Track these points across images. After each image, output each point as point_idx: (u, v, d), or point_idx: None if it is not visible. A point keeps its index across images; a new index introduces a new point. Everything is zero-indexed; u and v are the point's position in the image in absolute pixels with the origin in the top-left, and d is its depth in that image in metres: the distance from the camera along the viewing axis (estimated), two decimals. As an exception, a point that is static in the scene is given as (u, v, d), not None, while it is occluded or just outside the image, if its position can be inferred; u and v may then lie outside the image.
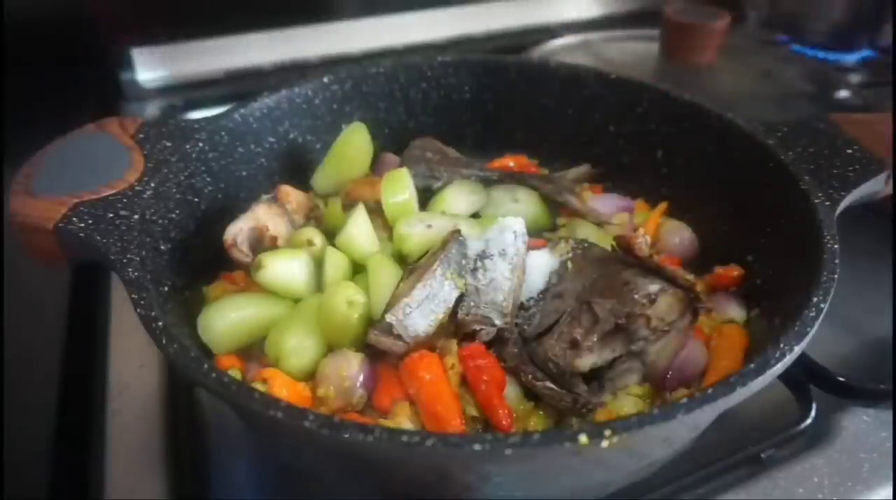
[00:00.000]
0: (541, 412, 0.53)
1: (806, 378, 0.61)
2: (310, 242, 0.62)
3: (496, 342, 0.54)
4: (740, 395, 0.42)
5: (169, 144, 0.61)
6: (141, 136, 0.61)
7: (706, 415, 0.43)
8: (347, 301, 0.55)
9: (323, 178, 0.72)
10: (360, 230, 0.62)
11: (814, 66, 1.21)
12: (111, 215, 0.54)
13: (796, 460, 0.56)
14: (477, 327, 0.54)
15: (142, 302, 0.47)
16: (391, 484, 0.49)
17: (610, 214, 0.71)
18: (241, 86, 1.07)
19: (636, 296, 0.52)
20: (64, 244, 0.54)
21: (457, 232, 0.59)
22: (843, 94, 1.12)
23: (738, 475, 0.56)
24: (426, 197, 0.69)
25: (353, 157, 0.72)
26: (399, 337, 0.53)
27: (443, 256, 0.56)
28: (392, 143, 0.76)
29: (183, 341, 0.46)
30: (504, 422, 0.50)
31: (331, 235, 0.63)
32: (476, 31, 1.24)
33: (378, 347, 0.54)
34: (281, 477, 0.58)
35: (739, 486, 0.55)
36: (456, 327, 0.55)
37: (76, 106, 0.96)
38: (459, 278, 0.56)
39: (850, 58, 1.22)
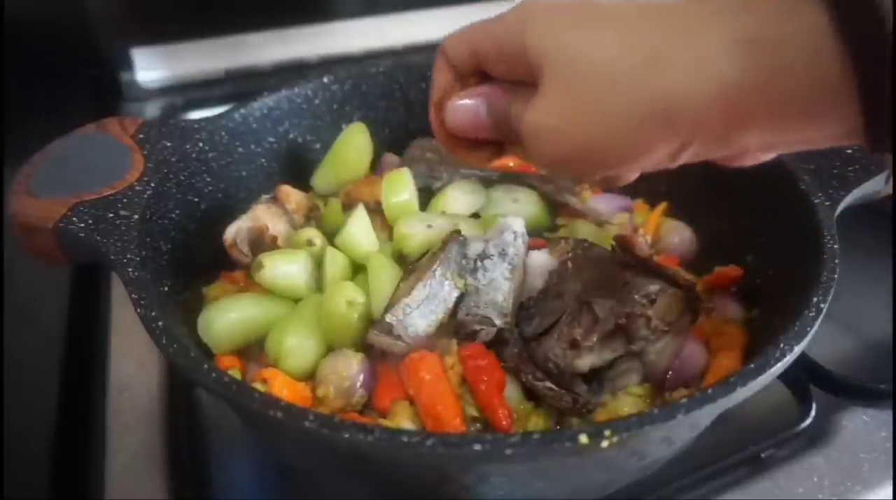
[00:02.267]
0: (541, 412, 0.52)
1: (806, 378, 0.61)
2: (310, 243, 0.62)
3: (496, 342, 0.54)
4: (740, 395, 0.42)
5: (169, 144, 0.61)
6: (141, 136, 0.61)
7: (706, 415, 0.43)
8: (347, 301, 0.55)
9: (323, 178, 0.72)
10: (359, 230, 0.62)
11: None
12: (111, 215, 0.54)
13: (796, 460, 0.56)
14: (477, 327, 0.54)
15: (142, 302, 0.47)
16: (391, 484, 0.49)
17: (610, 214, 0.71)
18: (241, 86, 1.07)
19: (636, 296, 0.52)
20: (64, 244, 0.54)
21: (457, 232, 0.59)
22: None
23: (738, 475, 0.56)
24: (426, 197, 0.69)
25: (353, 157, 0.72)
26: (399, 337, 0.53)
27: (443, 256, 0.56)
28: (392, 143, 0.76)
29: (183, 341, 0.46)
30: (504, 422, 0.50)
31: (331, 236, 0.63)
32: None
33: (378, 347, 0.54)
34: (281, 477, 0.58)
35: (739, 486, 0.55)
36: (456, 327, 0.55)
37: (76, 106, 0.96)
38: (459, 278, 0.56)
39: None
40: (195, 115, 0.90)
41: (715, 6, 0.32)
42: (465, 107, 0.41)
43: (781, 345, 0.44)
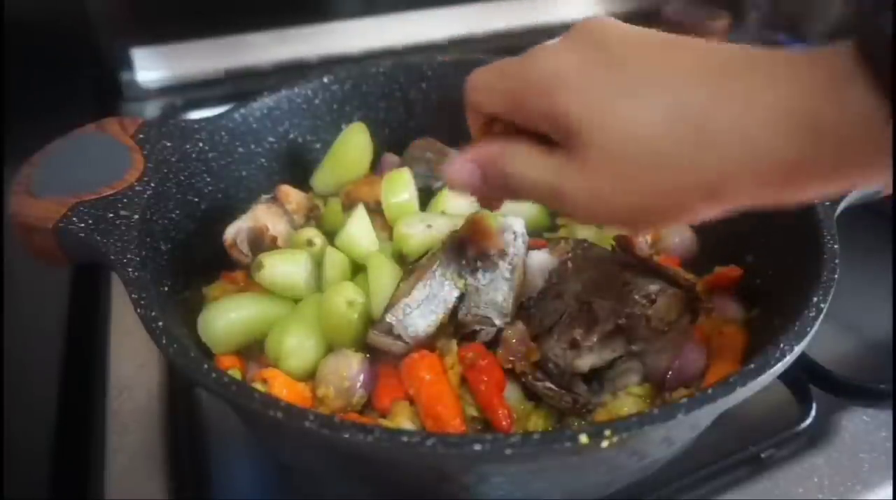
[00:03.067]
0: (541, 412, 0.52)
1: (806, 378, 0.61)
2: (310, 243, 0.62)
3: (496, 342, 0.54)
4: (740, 395, 0.42)
5: (169, 144, 0.61)
6: (141, 136, 0.61)
7: (706, 415, 0.43)
8: (347, 301, 0.55)
9: (323, 178, 0.72)
10: (359, 230, 0.62)
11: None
12: (111, 215, 0.54)
13: (796, 460, 0.56)
14: (477, 327, 0.54)
15: (142, 302, 0.47)
16: (391, 485, 0.49)
17: (610, 214, 0.71)
18: (241, 86, 1.07)
19: (636, 296, 0.52)
20: (64, 244, 0.53)
21: (457, 232, 0.59)
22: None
23: (738, 475, 0.56)
24: (426, 197, 0.69)
25: (352, 157, 0.72)
26: (399, 337, 0.53)
27: (442, 256, 0.56)
28: (392, 143, 0.76)
29: (183, 341, 0.46)
30: (504, 422, 0.50)
31: (331, 236, 0.63)
32: (476, 31, 1.24)
33: (378, 347, 0.54)
34: (281, 477, 0.58)
35: (739, 486, 0.55)
36: (456, 327, 0.55)
37: (76, 106, 0.96)
38: (459, 278, 0.56)
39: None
40: (195, 115, 0.90)
41: (765, 74, 0.31)
42: (460, 171, 0.42)
43: (781, 345, 0.44)
